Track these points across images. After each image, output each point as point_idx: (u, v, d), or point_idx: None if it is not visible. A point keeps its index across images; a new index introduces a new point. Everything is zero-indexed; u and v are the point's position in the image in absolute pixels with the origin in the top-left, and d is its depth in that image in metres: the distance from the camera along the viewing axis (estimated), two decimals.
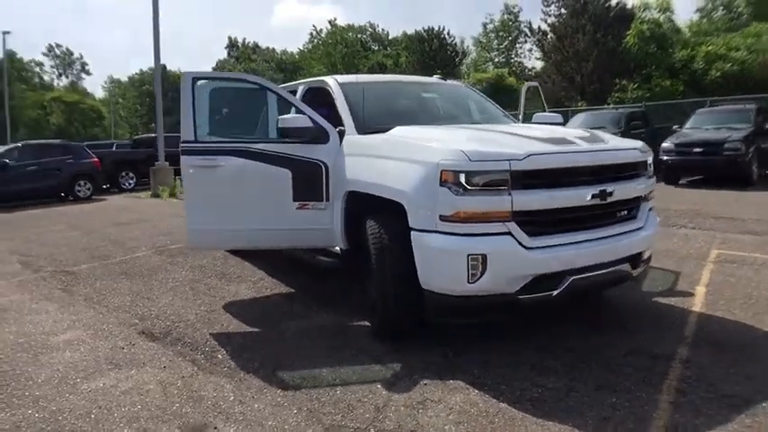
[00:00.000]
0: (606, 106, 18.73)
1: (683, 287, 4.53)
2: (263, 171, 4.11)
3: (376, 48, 54.59)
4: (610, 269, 3.39)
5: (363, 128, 4.07)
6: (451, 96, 5.11)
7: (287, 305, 4.47)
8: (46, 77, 73.70)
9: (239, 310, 4.43)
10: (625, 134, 11.55)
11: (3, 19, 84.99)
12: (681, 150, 11.49)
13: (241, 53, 76.15)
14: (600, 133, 3.96)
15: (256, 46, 78.44)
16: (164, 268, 5.87)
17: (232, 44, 78.42)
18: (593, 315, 3.99)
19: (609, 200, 3.32)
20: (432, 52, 33.53)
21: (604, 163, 3.40)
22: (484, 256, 3.01)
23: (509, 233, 3.06)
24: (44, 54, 73.65)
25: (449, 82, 5.37)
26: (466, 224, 3.04)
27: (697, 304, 4.06)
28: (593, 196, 3.23)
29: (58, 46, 75.31)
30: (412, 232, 3.23)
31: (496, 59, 41.99)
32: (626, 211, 3.59)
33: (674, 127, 12.86)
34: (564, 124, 5.41)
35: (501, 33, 43.23)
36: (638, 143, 3.80)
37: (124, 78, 71.75)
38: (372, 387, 2.96)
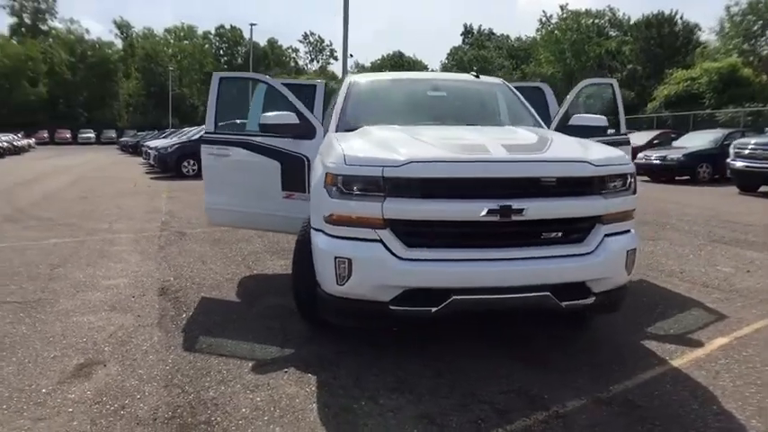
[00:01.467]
0: None
1: (700, 334, 3.65)
2: (259, 161, 4.62)
3: (614, 34, 50.21)
4: (518, 295, 3.01)
5: (343, 126, 4.24)
6: (467, 95, 4.83)
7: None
8: (300, 62, 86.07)
9: (251, 282, 5.06)
10: None
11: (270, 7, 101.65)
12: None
13: (474, 40, 77.70)
14: (559, 139, 3.46)
15: (491, 33, 79.06)
16: (246, 240, 6.83)
17: (467, 31, 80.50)
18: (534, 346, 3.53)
19: (517, 218, 2.94)
20: (658, 39, 29.52)
21: (513, 176, 3.00)
22: (349, 261, 3.01)
23: (380, 240, 2.99)
24: (299, 41, 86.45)
25: (481, 79, 5.06)
26: (338, 227, 3.07)
27: (690, 361, 3.27)
28: (492, 212, 2.91)
29: (312, 34, 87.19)
30: (311, 230, 3.38)
31: (740, 47, 34.70)
32: (560, 233, 3.10)
33: None
34: (608, 128, 4.67)
35: (749, 17, 35.38)
36: (600, 154, 3.21)
37: (368, 64, 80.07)
38: (243, 364, 3.25)
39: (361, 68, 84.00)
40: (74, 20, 68.78)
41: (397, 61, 77.14)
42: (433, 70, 70.98)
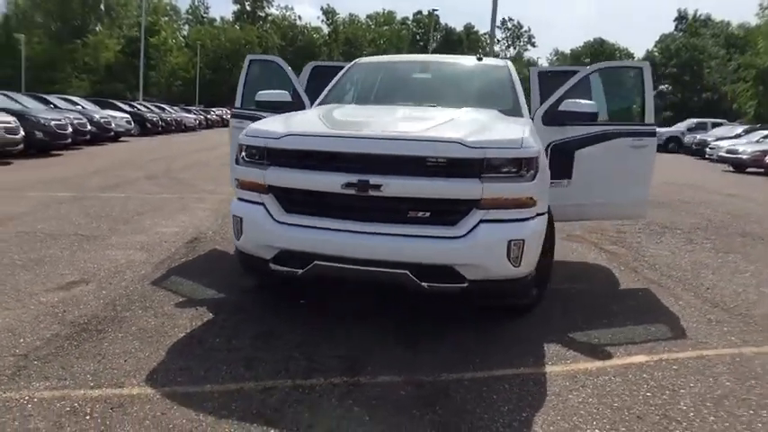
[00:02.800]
0: None
1: (627, 348, 3.26)
2: None
3: None
4: (376, 269, 3.12)
5: (318, 103, 4.60)
6: (452, 78, 4.76)
7: None
8: (496, 48, 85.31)
9: None
10: None
11: None
12: None
13: (688, 26, 69.48)
14: (470, 121, 3.54)
15: (708, 18, 70.10)
16: None
17: (681, 16, 72.07)
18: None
19: (374, 193, 3.05)
20: None
21: (374, 152, 3.09)
22: (240, 219, 3.43)
23: (262, 204, 3.34)
24: (498, 27, 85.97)
25: (483, 62, 4.91)
26: (241, 190, 3.51)
27: (570, 370, 3.02)
28: (349, 185, 3.07)
29: (510, 20, 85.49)
30: None
31: None
32: (428, 213, 3.10)
33: None
34: (596, 114, 4.24)
35: None
36: (487, 136, 3.11)
37: (567, 51, 76.64)
38: (176, 299, 3.88)
39: (560, 56, 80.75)
40: (289, 7, 77.49)
41: (597, 48, 72.49)
42: (635, 58, 65.44)
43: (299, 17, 77.17)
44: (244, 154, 3.44)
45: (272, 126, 3.46)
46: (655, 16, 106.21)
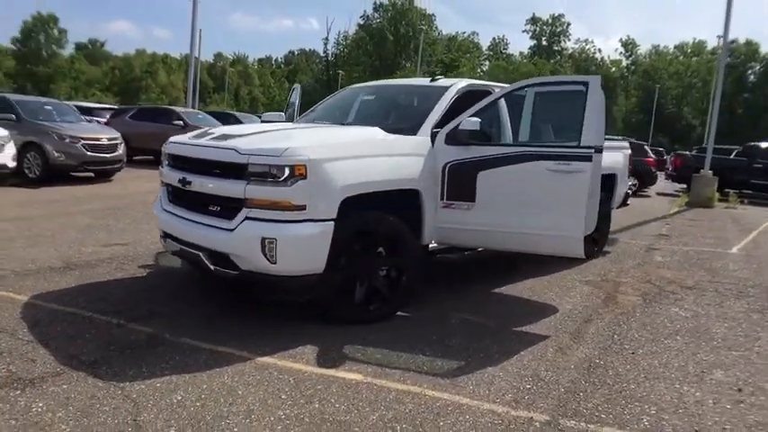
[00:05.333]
0: None
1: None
2: None
3: None
4: (190, 250, 3.91)
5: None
6: (388, 100, 4.92)
7: None
8: None
9: None
10: None
11: None
12: None
13: None
14: (247, 131, 4.13)
15: None
16: None
17: None
18: None
19: (189, 188, 3.87)
20: None
21: (189, 156, 3.95)
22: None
23: (162, 194, 4.47)
24: None
25: (434, 83, 4.90)
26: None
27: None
28: (180, 181, 3.96)
29: None
30: None
31: None
32: (218, 207, 3.73)
33: None
34: None
35: None
36: (257, 145, 3.61)
37: None
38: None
39: None
40: (589, 40, 75.34)
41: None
42: None
43: (599, 50, 73.89)
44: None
45: (181, 137, 4.57)
46: None
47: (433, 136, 4.31)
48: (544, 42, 75.11)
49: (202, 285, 4.66)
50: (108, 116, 16.22)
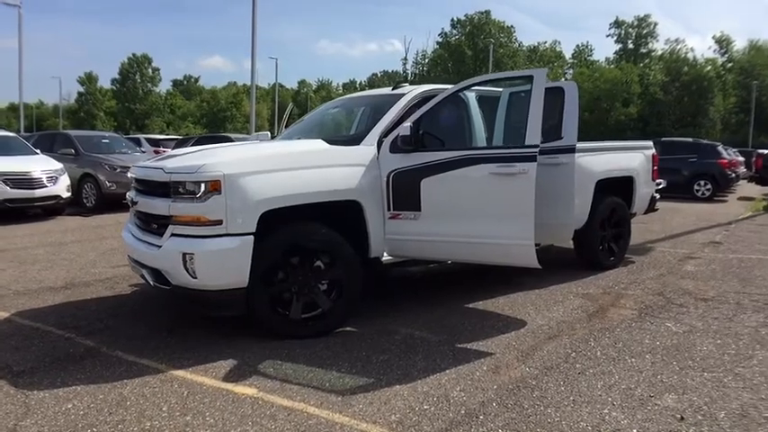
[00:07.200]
0: None
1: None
2: None
3: None
4: (139, 267, 4.06)
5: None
6: (354, 110, 4.79)
7: None
8: None
9: None
10: None
11: None
12: None
13: None
14: (186, 151, 4.23)
15: None
16: None
17: None
18: None
19: (136, 208, 4.07)
20: None
21: (134, 176, 4.15)
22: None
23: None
24: None
25: (393, 92, 4.76)
26: None
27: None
28: (131, 201, 4.17)
29: None
30: None
31: None
32: (155, 225, 3.86)
33: None
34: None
35: None
36: (181, 163, 3.71)
37: None
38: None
39: None
40: (679, 40, 70.29)
41: None
42: None
43: (692, 49, 68.40)
44: None
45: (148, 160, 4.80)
46: None
47: (380, 145, 4.19)
48: (630, 45, 71.08)
49: (168, 302, 4.81)
50: (173, 146, 17.48)
